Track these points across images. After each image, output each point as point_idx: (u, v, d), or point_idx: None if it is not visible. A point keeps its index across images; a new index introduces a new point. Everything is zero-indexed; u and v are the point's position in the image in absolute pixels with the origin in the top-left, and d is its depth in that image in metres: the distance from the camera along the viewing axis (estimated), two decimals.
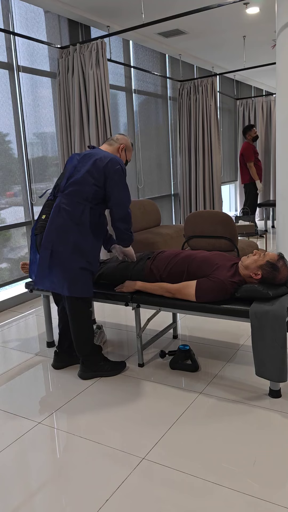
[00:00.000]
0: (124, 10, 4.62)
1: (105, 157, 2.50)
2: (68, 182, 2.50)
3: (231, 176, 8.90)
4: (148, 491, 1.74)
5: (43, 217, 2.55)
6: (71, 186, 2.48)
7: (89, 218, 2.49)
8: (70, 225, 2.46)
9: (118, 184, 2.49)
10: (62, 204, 2.47)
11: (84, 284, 2.54)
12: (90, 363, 2.65)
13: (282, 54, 3.35)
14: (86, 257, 2.52)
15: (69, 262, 2.47)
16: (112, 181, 2.47)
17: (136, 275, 2.76)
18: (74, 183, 2.48)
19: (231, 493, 1.70)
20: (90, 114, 4.33)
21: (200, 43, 6.01)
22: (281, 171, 3.50)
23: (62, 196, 2.49)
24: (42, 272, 2.49)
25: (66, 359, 2.83)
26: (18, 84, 4.18)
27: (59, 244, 2.45)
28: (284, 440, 2.01)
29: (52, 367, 2.83)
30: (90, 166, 2.47)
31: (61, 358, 2.83)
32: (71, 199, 2.47)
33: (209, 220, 3.94)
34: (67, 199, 2.48)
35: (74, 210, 2.46)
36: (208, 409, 2.29)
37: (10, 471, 1.90)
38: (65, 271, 2.48)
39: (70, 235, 2.46)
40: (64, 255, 2.46)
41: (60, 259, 2.46)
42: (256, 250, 2.56)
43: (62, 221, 2.45)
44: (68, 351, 2.84)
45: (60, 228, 2.45)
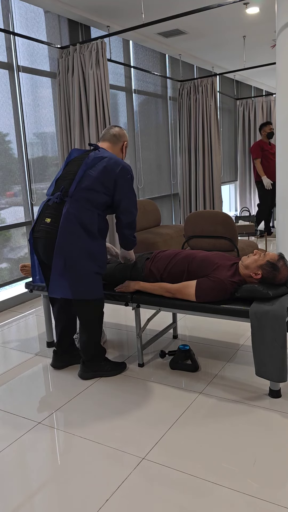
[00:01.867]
0: (124, 10, 4.62)
1: (115, 164, 2.49)
2: (77, 188, 2.45)
3: (231, 176, 8.90)
4: (148, 491, 1.74)
5: (48, 221, 2.47)
6: (81, 193, 2.44)
7: (98, 224, 2.49)
8: (81, 232, 2.43)
9: (127, 192, 2.51)
10: (72, 210, 2.42)
11: (98, 287, 2.54)
12: (91, 363, 2.65)
13: (282, 54, 3.35)
14: (98, 261, 2.52)
15: (84, 268, 2.46)
16: (122, 189, 2.49)
17: (135, 275, 2.76)
18: (84, 190, 2.44)
19: (231, 493, 1.70)
20: (90, 114, 4.33)
21: (200, 43, 6.01)
22: (281, 171, 3.50)
23: (71, 201, 2.44)
24: (56, 281, 2.45)
25: (66, 359, 2.83)
26: (18, 84, 4.18)
27: (72, 252, 2.42)
28: (284, 440, 2.01)
29: (52, 367, 2.83)
30: (101, 174, 2.46)
31: (62, 358, 2.82)
32: (81, 205, 2.44)
33: (209, 220, 3.94)
34: (77, 205, 2.43)
35: (84, 217, 2.44)
36: (208, 409, 2.29)
37: (10, 471, 1.90)
38: (81, 277, 2.46)
39: (82, 242, 2.43)
40: (78, 261, 2.44)
41: (74, 266, 2.44)
42: (256, 250, 2.56)
43: (73, 228, 2.42)
44: (69, 351, 2.84)
45: (72, 235, 2.41)
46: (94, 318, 2.59)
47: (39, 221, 2.53)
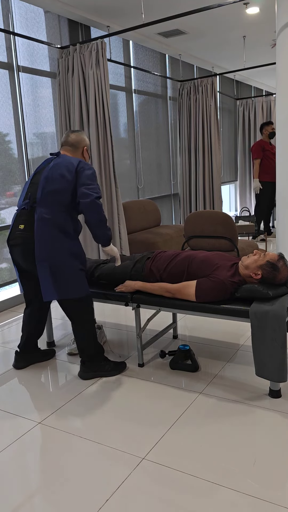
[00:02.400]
0: (124, 10, 4.62)
1: (75, 160, 2.53)
2: (43, 193, 2.49)
3: (231, 176, 8.90)
4: (148, 491, 1.74)
5: (22, 227, 2.53)
6: (50, 196, 2.48)
7: (72, 224, 2.54)
8: (60, 234, 2.48)
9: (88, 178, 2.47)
10: (45, 215, 2.47)
11: (85, 284, 2.59)
12: (91, 363, 2.65)
13: (282, 54, 3.35)
14: (80, 259, 2.57)
15: (70, 267, 2.51)
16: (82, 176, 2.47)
17: (135, 275, 2.76)
18: (51, 193, 2.48)
19: (231, 493, 1.70)
20: (90, 114, 4.33)
21: (200, 43, 6.01)
22: (281, 171, 3.50)
23: (41, 207, 2.48)
24: (47, 287, 2.49)
25: (28, 358, 2.88)
26: (18, 84, 4.18)
27: (54, 255, 2.47)
28: (284, 440, 2.01)
29: (14, 367, 2.86)
30: (62, 173, 2.49)
31: (24, 358, 2.86)
32: (52, 208, 2.48)
33: (209, 220, 3.94)
34: (48, 209, 2.48)
35: (58, 219, 2.48)
36: (208, 409, 2.29)
37: (10, 471, 1.90)
38: (69, 277, 2.50)
39: (62, 244, 2.48)
40: (63, 262, 2.49)
41: (61, 268, 2.48)
42: (256, 250, 2.56)
43: (50, 232, 2.47)
44: (32, 351, 2.89)
45: (50, 239, 2.47)
46: (88, 315, 2.61)
47: (13, 229, 2.59)
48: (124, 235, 4.59)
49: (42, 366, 2.87)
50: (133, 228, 5.10)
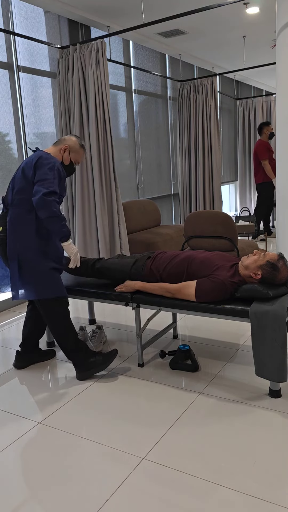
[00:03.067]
0: (124, 10, 4.62)
1: (35, 155, 2.50)
2: (13, 194, 2.54)
3: (231, 176, 8.90)
4: (148, 491, 1.74)
5: (1, 229, 2.60)
6: (16, 196, 2.52)
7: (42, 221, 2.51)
8: (28, 234, 2.50)
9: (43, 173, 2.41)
10: (15, 215, 2.52)
11: (57, 284, 2.59)
12: (80, 363, 2.64)
13: (282, 54, 3.35)
14: (52, 257, 2.58)
15: (39, 265, 2.53)
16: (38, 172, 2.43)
17: (135, 273, 2.76)
18: (17, 193, 2.52)
19: (231, 493, 1.70)
20: (90, 114, 4.33)
21: (200, 43, 6.01)
22: (281, 171, 3.50)
23: (12, 209, 2.54)
24: (15, 284, 2.55)
25: (28, 358, 2.88)
26: (18, 84, 4.18)
27: (24, 252, 2.51)
28: (284, 440, 2.01)
29: (14, 366, 2.87)
30: (25, 169, 2.49)
31: (23, 357, 2.86)
32: (20, 209, 2.51)
33: (209, 220, 3.94)
34: (17, 210, 2.52)
35: (26, 219, 2.50)
36: (208, 409, 2.29)
37: (10, 471, 1.90)
38: (37, 274, 2.53)
39: (31, 242, 2.51)
40: (32, 260, 2.52)
41: (29, 265, 2.52)
42: (256, 250, 2.56)
43: (19, 232, 2.50)
44: (32, 351, 2.89)
45: (20, 238, 2.50)
46: (56, 315, 2.61)
47: None
48: (124, 235, 4.59)
49: (42, 366, 2.87)
50: (133, 228, 5.10)
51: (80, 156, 2.75)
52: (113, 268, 2.84)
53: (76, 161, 2.74)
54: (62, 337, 2.63)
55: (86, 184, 4.49)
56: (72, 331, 2.64)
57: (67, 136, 2.72)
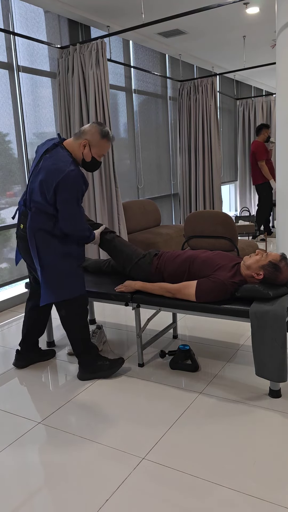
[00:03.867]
0: (124, 10, 4.61)
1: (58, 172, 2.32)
2: (31, 200, 2.45)
3: (231, 176, 8.90)
4: (148, 491, 1.74)
5: (22, 227, 2.55)
6: (34, 205, 2.44)
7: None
8: (48, 240, 2.45)
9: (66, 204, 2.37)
10: (33, 223, 2.44)
11: (76, 284, 2.54)
12: (87, 364, 2.64)
13: (282, 54, 3.35)
14: (74, 255, 2.53)
15: (62, 266, 2.48)
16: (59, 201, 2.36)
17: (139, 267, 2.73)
18: (35, 202, 2.43)
19: (231, 493, 1.70)
20: (90, 114, 4.33)
21: (200, 43, 6.01)
22: (281, 171, 3.50)
23: (31, 214, 2.45)
24: (47, 290, 2.49)
25: (29, 357, 2.86)
26: (18, 84, 4.18)
27: (45, 258, 2.46)
28: (284, 440, 2.01)
29: (14, 366, 2.85)
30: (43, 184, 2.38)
31: (24, 357, 2.85)
32: (39, 217, 2.44)
33: (209, 220, 3.94)
34: (35, 217, 2.44)
35: (46, 226, 2.44)
36: (208, 409, 2.29)
37: (10, 472, 1.90)
38: (58, 277, 2.49)
39: (52, 248, 2.46)
40: (53, 264, 2.47)
41: (51, 269, 2.47)
42: (258, 250, 2.56)
43: (40, 239, 2.45)
44: (32, 350, 2.87)
45: (41, 246, 2.46)
46: (75, 317, 2.58)
47: (18, 224, 2.60)
48: (124, 235, 4.59)
49: (42, 366, 2.87)
50: (133, 228, 5.10)
51: (104, 149, 2.51)
52: (122, 250, 2.81)
53: (100, 155, 2.52)
54: (76, 338, 2.61)
55: None
56: (87, 332, 2.63)
57: (88, 126, 2.47)
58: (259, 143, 6.50)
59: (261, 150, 6.43)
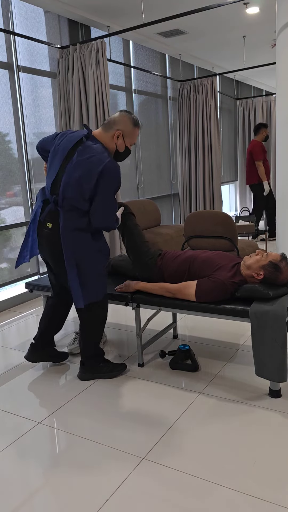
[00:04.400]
0: (124, 10, 4.61)
1: (97, 164, 2.28)
2: (64, 198, 2.36)
3: (231, 176, 8.90)
4: (148, 491, 1.74)
5: (49, 226, 2.43)
6: (68, 202, 2.36)
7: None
8: (82, 238, 2.40)
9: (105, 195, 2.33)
10: (68, 222, 2.37)
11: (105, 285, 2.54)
12: (90, 365, 2.64)
13: (282, 54, 3.35)
14: (104, 252, 2.51)
15: (95, 264, 2.45)
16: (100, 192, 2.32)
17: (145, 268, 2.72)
18: (70, 199, 2.35)
19: (231, 493, 1.70)
20: (90, 114, 4.33)
21: (200, 43, 6.01)
22: (281, 171, 3.50)
23: (63, 212, 2.38)
24: (77, 292, 2.44)
25: (43, 354, 2.81)
26: (18, 84, 4.18)
27: (82, 258, 2.42)
28: (284, 440, 2.01)
29: (25, 359, 2.79)
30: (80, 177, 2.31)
31: (39, 353, 2.79)
32: (72, 215, 2.37)
33: (209, 220, 3.94)
34: (68, 215, 2.38)
35: (79, 224, 2.39)
36: (208, 409, 2.28)
37: (10, 471, 1.90)
38: (96, 276, 2.46)
39: (88, 248, 2.42)
40: (90, 265, 2.43)
41: (87, 271, 2.43)
42: (259, 250, 2.56)
43: (75, 239, 2.39)
44: (47, 347, 2.82)
45: (75, 244, 2.40)
46: (96, 320, 2.57)
47: (41, 223, 2.49)
48: None
49: (42, 366, 2.87)
50: None
51: (135, 137, 2.47)
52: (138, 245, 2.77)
53: (131, 144, 2.49)
54: (90, 341, 2.58)
55: None
56: (101, 332, 2.62)
57: (117, 115, 2.40)
58: (256, 142, 6.47)
59: (258, 150, 6.39)
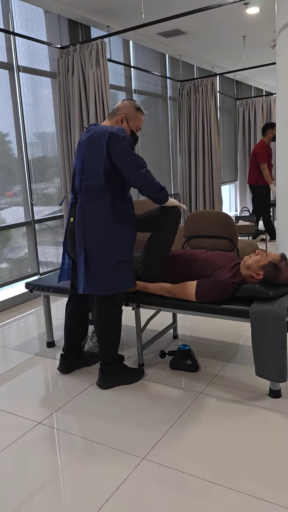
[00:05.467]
0: (124, 10, 4.62)
1: (102, 133, 2.30)
2: (81, 181, 2.38)
3: (231, 176, 8.90)
4: (148, 491, 1.74)
5: (72, 220, 2.46)
6: (84, 182, 2.37)
7: (112, 208, 2.36)
8: (96, 223, 2.35)
9: (122, 155, 2.27)
10: (83, 204, 2.37)
11: (124, 278, 2.42)
12: (110, 371, 2.55)
13: (282, 54, 3.35)
14: (120, 249, 2.40)
15: (104, 258, 2.37)
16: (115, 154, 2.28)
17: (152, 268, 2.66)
18: (87, 179, 2.35)
19: (231, 493, 1.70)
20: (90, 114, 4.33)
21: (200, 43, 6.01)
22: (281, 171, 3.50)
23: (81, 196, 2.39)
24: (81, 277, 2.39)
25: (74, 363, 2.76)
26: (18, 84, 4.18)
27: (91, 244, 2.36)
28: (284, 440, 2.01)
29: (59, 371, 2.75)
30: (93, 152, 2.32)
31: (69, 362, 2.74)
32: (89, 196, 2.36)
33: (209, 220, 3.94)
34: (85, 197, 2.37)
35: (95, 206, 2.35)
36: (208, 409, 2.29)
37: (10, 471, 1.90)
38: (103, 269, 2.37)
39: (98, 233, 2.35)
40: (97, 252, 2.36)
41: (94, 258, 2.37)
42: (258, 250, 2.56)
43: (87, 221, 2.36)
44: (76, 355, 2.77)
45: (87, 229, 2.37)
46: (110, 317, 2.49)
47: (67, 222, 2.53)
48: None
49: (42, 366, 2.87)
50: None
51: (139, 121, 2.52)
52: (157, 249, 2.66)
53: (137, 127, 2.51)
54: (110, 341, 2.50)
55: None
56: (118, 338, 2.53)
57: (119, 104, 2.48)
58: (262, 144, 6.37)
59: (263, 152, 6.30)
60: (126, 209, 2.44)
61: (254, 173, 6.50)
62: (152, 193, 2.39)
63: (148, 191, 2.38)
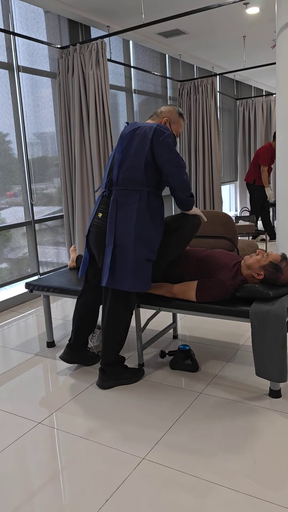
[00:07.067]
0: (124, 10, 4.62)
1: (149, 127, 2.34)
2: (119, 173, 2.37)
3: (231, 176, 8.90)
4: (148, 491, 1.74)
5: (100, 215, 2.43)
6: (123, 174, 2.35)
7: (147, 203, 2.36)
8: (129, 217, 2.34)
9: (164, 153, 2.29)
10: (118, 197, 2.36)
11: (147, 277, 2.41)
12: (111, 371, 2.55)
13: (282, 54, 3.35)
14: (150, 246, 2.39)
15: (134, 253, 2.34)
16: (158, 150, 2.30)
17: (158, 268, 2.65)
18: (126, 171, 2.35)
19: (231, 493, 1.70)
20: (90, 114, 4.33)
21: (200, 43, 6.01)
22: (281, 171, 3.50)
23: (116, 189, 2.37)
24: (106, 269, 2.37)
25: (79, 356, 2.76)
26: (18, 84, 4.18)
27: (121, 238, 2.34)
28: (284, 440, 2.01)
29: (61, 358, 2.75)
30: (136, 145, 2.33)
31: (75, 354, 2.75)
32: (126, 189, 2.35)
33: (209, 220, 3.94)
34: (121, 190, 2.36)
35: (130, 200, 2.34)
36: (208, 409, 2.29)
37: (10, 471, 1.90)
38: (131, 263, 2.34)
39: (130, 227, 2.34)
40: (127, 247, 2.34)
41: (123, 252, 2.35)
42: (259, 250, 2.56)
43: (121, 215, 2.35)
44: (82, 349, 2.77)
45: (120, 222, 2.35)
46: (120, 319, 2.47)
47: (94, 216, 2.49)
48: None
49: (42, 366, 2.87)
50: None
51: (180, 126, 2.58)
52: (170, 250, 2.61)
53: (177, 132, 2.56)
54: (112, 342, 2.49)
55: (86, 184, 4.49)
56: (124, 340, 2.53)
57: (164, 107, 2.53)
58: (268, 146, 6.32)
59: (267, 154, 6.27)
60: (159, 207, 2.44)
61: (254, 173, 6.50)
62: (184, 196, 2.40)
63: (181, 193, 2.38)
